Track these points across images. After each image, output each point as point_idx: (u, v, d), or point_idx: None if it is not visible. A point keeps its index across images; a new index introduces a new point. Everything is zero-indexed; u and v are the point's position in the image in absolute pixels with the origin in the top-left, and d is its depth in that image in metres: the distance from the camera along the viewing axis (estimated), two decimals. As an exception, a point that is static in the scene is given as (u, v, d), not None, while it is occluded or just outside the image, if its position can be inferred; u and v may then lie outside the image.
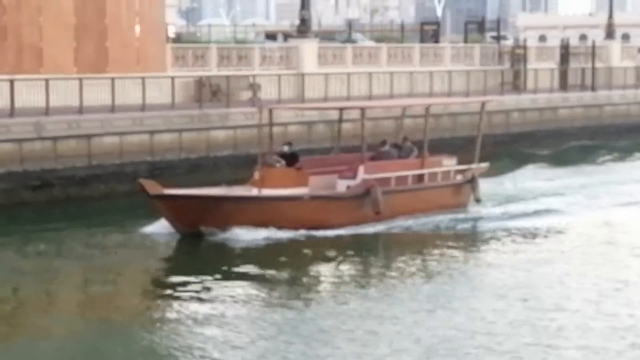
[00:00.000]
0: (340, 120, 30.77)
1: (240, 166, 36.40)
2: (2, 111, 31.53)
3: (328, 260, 24.17)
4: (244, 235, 25.32)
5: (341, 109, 30.77)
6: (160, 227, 25.98)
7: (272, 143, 28.67)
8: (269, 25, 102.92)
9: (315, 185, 27.07)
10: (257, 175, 26.59)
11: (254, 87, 40.40)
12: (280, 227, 25.66)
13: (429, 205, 28.17)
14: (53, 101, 32.74)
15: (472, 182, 29.24)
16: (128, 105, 34.86)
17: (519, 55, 51.14)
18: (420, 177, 28.55)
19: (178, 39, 55.05)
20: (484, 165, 30.49)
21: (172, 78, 37.74)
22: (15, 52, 36.00)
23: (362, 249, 25.47)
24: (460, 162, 31.04)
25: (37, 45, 36.51)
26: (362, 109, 29.09)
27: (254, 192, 26.31)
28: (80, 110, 32.97)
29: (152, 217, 27.27)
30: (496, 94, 48.04)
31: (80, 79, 33.91)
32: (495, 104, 40.01)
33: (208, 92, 39.51)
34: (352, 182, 27.14)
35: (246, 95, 40.36)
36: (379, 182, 27.02)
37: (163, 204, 25.60)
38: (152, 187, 25.17)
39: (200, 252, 25.47)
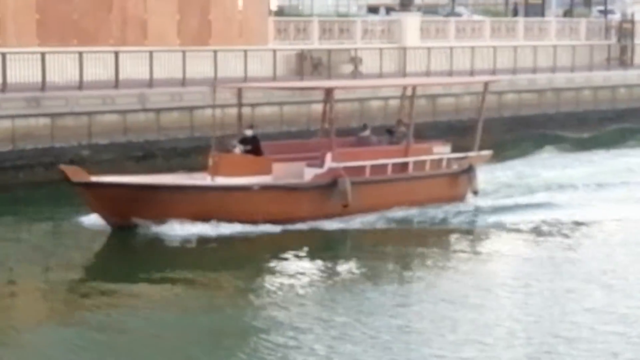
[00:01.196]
0: (326, 101, 27.74)
1: (340, 140, 37.21)
2: (107, 83, 32.09)
3: (268, 260, 21.66)
4: (181, 230, 22.85)
5: (328, 89, 27.53)
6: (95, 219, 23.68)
7: (241, 126, 26.40)
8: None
9: (279, 173, 24.75)
10: (210, 161, 24.31)
11: (355, 61, 40.32)
12: (226, 220, 23.26)
13: (414, 198, 25.59)
14: (156, 73, 33.09)
15: (469, 171, 26.61)
16: (230, 78, 34.88)
17: (626, 30, 50.33)
18: (403, 166, 26.02)
19: (280, 12, 55.33)
20: (486, 153, 27.82)
21: (274, 51, 37.91)
22: (120, 24, 36.31)
23: (322, 246, 22.98)
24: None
25: (141, 17, 36.79)
26: (330, 90, 26.72)
27: (207, 180, 24.27)
28: (183, 82, 33.32)
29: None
30: (602, 70, 47.71)
31: (184, 52, 34.26)
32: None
33: (309, 65, 39.49)
34: (319, 171, 24.72)
35: (347, 68, 40.22)
36: (349, 171, 24.68)
37: (89, 192, 23.11)
38: (75, 173, 22.83)
39: (128, 248, 23.04)
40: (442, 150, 26.90)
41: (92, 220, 23.51)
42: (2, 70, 30.29)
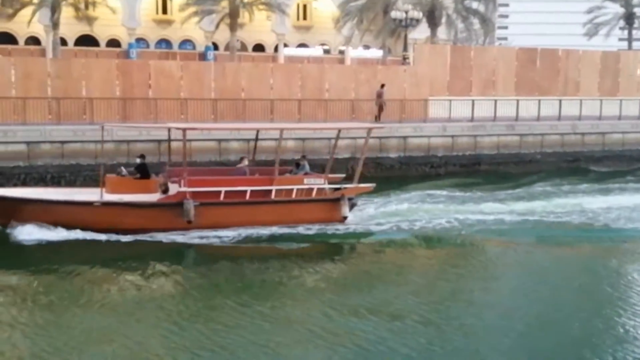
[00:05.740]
0: (256, 139, 28.43)
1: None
2: (553, 117, 39.37)
3: (73, 265, 20.63)
4: (35, 233, 22.74)
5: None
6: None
7: (170, 157, 27.35)
8: None
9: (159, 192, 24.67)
10: (102, 181, 24.42)
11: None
12: (71, 227, 23.17)
13: (278, 219, 24.77)
14: (584, 112, 40.13)
15: (339, 200, 25.66)
16: (629, 116, 41.65)
17: None
18: (267, 193, 24.92)
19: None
20: (365, 185, 26.56)
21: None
22: (563, 83, 43.34)
23: (154, 255, 21.77)
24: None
25: (576, 78, 44.15)
26: (185, 130, 25.66)
27: (94, 196, 24.09)
28: (600, 117, 40.70)
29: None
30: None
31: (601, 100, 41.67)
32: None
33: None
34: (172, 193, 24.41)
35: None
36: (202, 194, 24.06)
37: None
38: None
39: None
40: (315, 182, 25.69)
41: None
42: (494, 108, 37.81)
